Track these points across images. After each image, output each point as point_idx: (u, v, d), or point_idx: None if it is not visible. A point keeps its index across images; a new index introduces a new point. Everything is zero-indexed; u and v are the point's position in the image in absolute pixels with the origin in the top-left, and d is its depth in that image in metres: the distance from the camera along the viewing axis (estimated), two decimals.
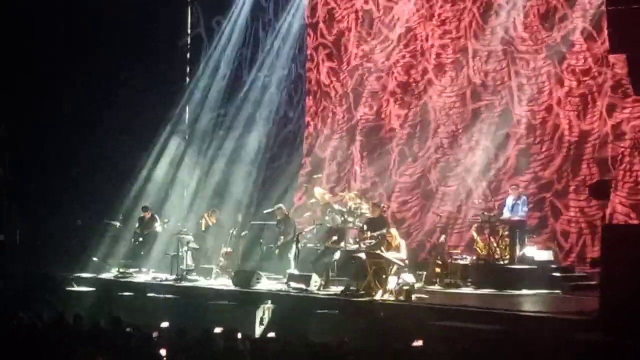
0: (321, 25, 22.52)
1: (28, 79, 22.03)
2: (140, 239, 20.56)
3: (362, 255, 16.25)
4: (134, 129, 22.21)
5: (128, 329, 12.39)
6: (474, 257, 17.97)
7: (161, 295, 17.96)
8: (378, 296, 15.44)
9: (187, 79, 24.03)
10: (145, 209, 21.01)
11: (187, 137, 23.74)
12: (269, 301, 16.01)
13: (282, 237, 18.82)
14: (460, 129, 19.89)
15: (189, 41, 24.07)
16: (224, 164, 22.76)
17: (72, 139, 22.08)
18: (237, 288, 17.58)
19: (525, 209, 17.47)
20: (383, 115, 21.20)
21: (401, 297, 15.30)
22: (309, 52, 22.78)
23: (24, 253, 21.82)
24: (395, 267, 15.73)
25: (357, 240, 17.60)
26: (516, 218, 17.39)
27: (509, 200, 17.61)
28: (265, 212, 20.38)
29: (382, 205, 18.66)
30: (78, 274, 19.93)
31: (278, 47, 22.74)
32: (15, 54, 22.02)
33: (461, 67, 19.90)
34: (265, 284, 17.72)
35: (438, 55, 20.31)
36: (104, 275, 20.16)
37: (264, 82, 22.88)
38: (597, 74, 17.96)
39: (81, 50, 21.92)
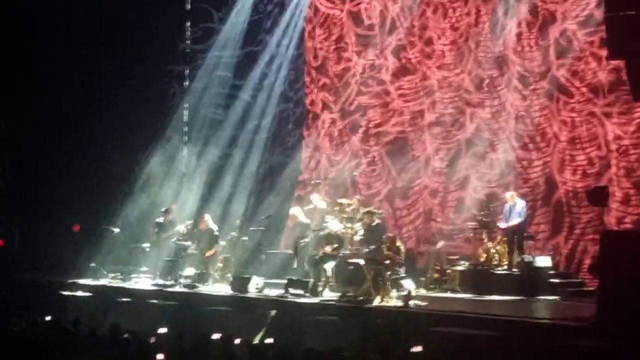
0: (327, 60, 22.39)
1: (28, 79, 22.03)
2: (154, 246, 20.05)
3: (361, 262, 16.24)
4: (134, 129, 22.17)
5: (126, 335, 12.36)
6: (473, 263, 17.95)
7: (159, 301, 17.94)
8: (376, 302, 15.42)
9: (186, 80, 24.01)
10: (167, 211, 20.28)
11: (185, 139, 23.67)
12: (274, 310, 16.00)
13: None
14: (459, 137, 19.88)
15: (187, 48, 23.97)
16: (222, 170, 22.70)
17: (72, 139, 22.04)
18: (235, 294, 17.57)
19: (524, 214, 17.44)
20: (383, 122, 21.17)
21: (400, 303, 15.28)
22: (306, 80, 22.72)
23: (22, 259, 21.77)
24: (393, 273, 15.72)
25: (355, 246, 17.58)
26: (514, 224, 17.36)
27: (507, 207, 17.59)
28: (263, 218, 20.36)
29: (381, 211, 18.64)
30: (76, 280, 19.90)
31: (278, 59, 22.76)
32: (15, 54, 22.02)
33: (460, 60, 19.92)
34: (264, 289, 17.70)
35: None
36: (102, 281, 20.13)
37: (265, 86, 22.85)
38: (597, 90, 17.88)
39: (81, 50, 21.90)
